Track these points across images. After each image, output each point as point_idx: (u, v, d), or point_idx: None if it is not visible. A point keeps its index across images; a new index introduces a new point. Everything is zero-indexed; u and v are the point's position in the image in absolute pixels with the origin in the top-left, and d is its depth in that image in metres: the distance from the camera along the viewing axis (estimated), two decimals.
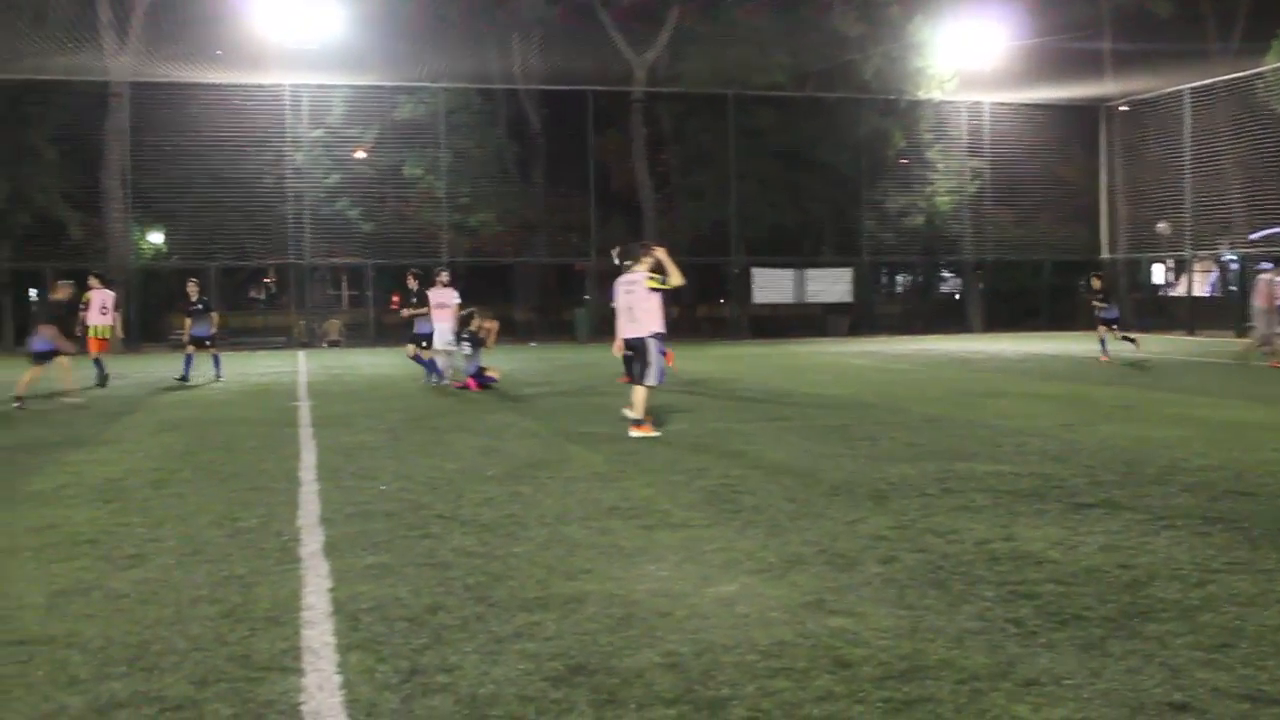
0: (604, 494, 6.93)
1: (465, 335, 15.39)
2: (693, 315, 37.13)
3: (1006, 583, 4.73)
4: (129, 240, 31.32)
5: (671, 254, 10.40)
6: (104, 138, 30.57)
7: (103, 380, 16.84)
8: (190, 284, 18.00)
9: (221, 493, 7.23)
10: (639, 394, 9.89)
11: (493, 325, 15.67)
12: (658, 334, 9.91)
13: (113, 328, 17.96)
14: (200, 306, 17.82)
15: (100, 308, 17.72)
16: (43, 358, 13.82)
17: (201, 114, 30.60)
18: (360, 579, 4.93)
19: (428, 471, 7.96)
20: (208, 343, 17.78)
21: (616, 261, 14.59)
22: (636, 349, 9.95)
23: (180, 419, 12.12)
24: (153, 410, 13.27)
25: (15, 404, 13.21)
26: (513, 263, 36.05)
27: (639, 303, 9.90)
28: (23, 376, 13.76)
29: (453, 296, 16.17)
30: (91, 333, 17.69)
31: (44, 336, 13.92)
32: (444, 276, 16.53)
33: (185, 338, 17.96)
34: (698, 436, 9.73)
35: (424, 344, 16.11)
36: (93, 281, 17.98)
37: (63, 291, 14.75)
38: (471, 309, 15.63)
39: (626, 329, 10.00)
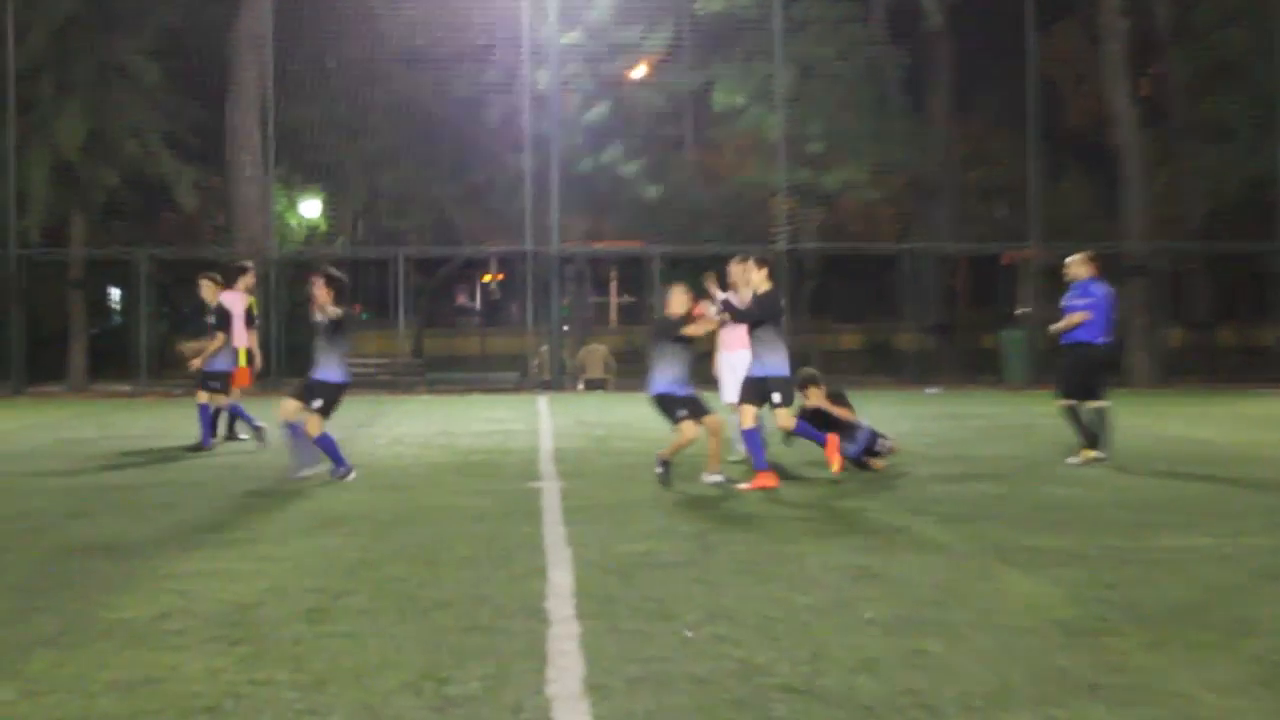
0: (1070, 658, 6.89)
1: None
2: (1206, 342, 35.62)
3: None
4: (269, 213, 33.01)
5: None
6: (232, 49, 32.35)
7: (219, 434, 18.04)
8: (204, 281, 18.03)
9: (420, 634, 7.43)
10: None
11: None
12: None
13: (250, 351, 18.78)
14: (215, 319, 17.75)
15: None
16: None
17: (386, 12, 31.79)
18: None
19: (762, 607, 8.09)
20: (215, 384, 17.76)
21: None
22: None
23: (350, 508, 12.48)
24: (305, 492, 13.76)
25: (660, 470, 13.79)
26: (896, 252, 35.32)
27: None
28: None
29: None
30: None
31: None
32: (738, 268, 14.17)
33: (193, 367, 17.83)
34: (1238, 557, 9.74)
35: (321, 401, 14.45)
36: (248, 280, 18.85)
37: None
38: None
39: None
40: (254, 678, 6.44)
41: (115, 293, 42.84)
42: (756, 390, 13.52)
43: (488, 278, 53.59)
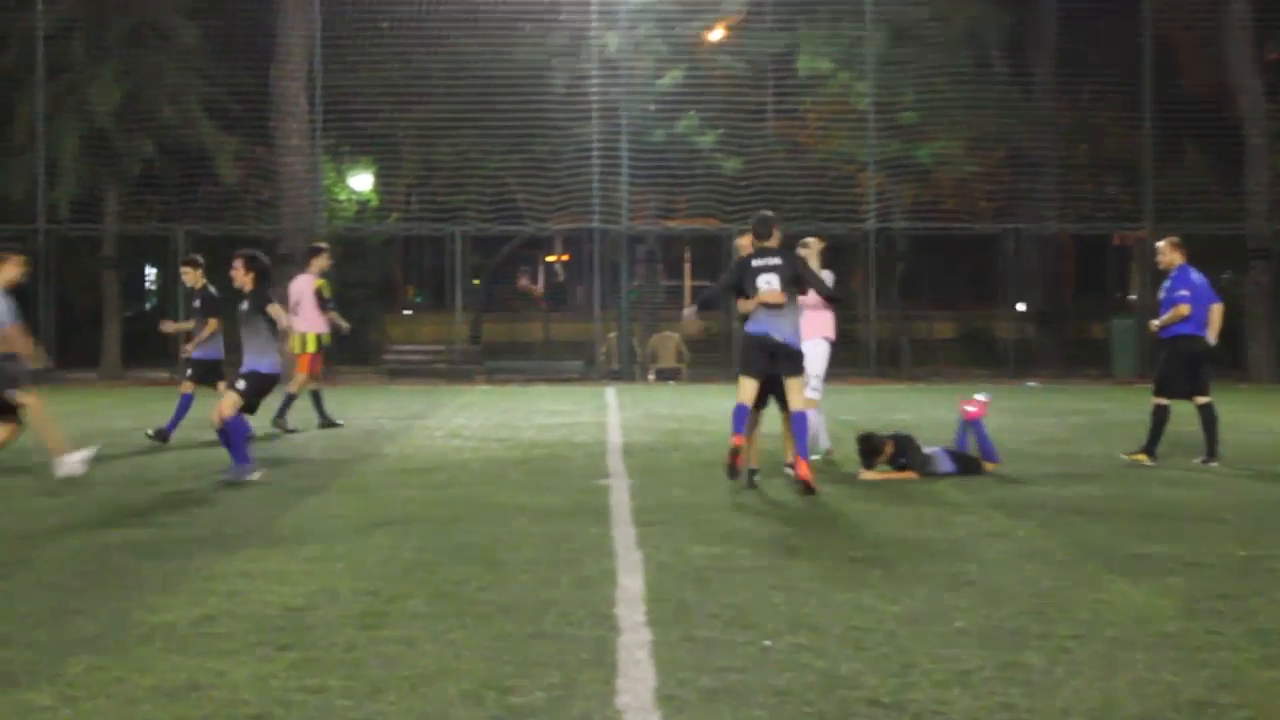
0: (1180, 674, 6.81)
1: None
2: None
3: None
4: (317, 186, 33.31)
5: None
6: (277, 8, 32.82)
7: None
8: (185, 267, 18.58)
9: (481, 641, 7.44)
10: None
11: None
12: None
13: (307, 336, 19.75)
14: (199, 304, 18.21)
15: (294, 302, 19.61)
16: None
17: None
18: None
19: (846, 615, 8.07)
20: (190, 370, 18.45)
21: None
22: None
23: (404, 506, 12.56)
24: (358, 487, 13.88)
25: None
26: (996, 232, 35.17)
27: None
28: None
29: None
30: (300, 345, 19.61)
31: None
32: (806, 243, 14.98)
33: (185, 354, 18.97)
34: None
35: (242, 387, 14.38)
36: (321, 262, 20.14)
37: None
38: None
39: None
40: (304, 685, 6.47)
41: (151, 272, 43.21)
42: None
43: (552, 258, 53.67)
